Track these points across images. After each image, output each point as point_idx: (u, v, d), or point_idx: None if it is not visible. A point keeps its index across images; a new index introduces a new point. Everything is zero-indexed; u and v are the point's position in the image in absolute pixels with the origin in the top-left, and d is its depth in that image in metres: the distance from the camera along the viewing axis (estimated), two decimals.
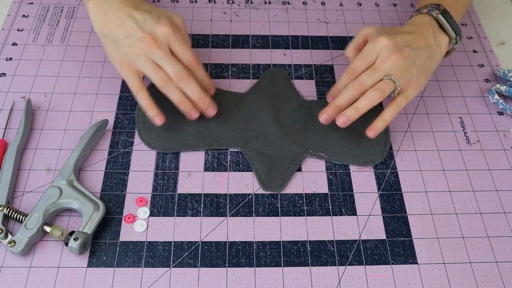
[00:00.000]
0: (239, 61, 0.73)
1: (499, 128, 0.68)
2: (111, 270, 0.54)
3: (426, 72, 0.62)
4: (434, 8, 0.64)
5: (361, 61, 0.59)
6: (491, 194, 0.61)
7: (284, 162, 0.61)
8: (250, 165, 0.61)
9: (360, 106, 0.57)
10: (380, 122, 0.59)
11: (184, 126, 0.63)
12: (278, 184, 0.60)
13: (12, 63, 0.71)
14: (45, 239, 0.55)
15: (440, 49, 0.64)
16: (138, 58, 0.59)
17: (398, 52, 0.58)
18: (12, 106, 0.66)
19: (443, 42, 0.64)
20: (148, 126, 0.63)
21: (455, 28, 0.64)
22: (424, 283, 0.54)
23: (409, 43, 0.60)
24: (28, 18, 0.77)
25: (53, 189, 0.56)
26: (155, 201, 0.59)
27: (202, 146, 0.62)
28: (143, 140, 0.63)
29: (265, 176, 0.60)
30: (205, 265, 0.54)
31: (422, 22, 0.63)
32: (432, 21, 0.64)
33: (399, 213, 0.59)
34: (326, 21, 0.80)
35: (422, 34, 0.62)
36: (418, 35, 0.61)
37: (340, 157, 0.62)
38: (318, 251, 0.56)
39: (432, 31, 0.63)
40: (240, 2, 0.81)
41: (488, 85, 0.72)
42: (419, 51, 0.60)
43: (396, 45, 0.58)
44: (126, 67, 0.60)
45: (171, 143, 0.62)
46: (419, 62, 0.60)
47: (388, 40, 0.58)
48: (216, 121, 0.64)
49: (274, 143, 0.63)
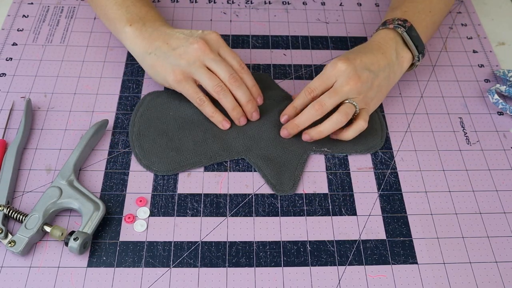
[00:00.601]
0: None
1: (499, 128, 0.68)
2: (111, 270, 0.54)
3: (383, 93, 0.64)
4: (400, 25, 0.64)
5: (319, 83, 0.60)
6: (491, 194, 0.61)
7: (291, 163, 0.61)
8: (257, 171, 0.61)
9: (323, 129, 0.60)
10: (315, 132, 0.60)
11: (183, 145, 0.62)
12: (290, 186, 0.60)
13: (12, 63, 0.71)
14: (45, 239, 0.55)
15: (401, 67, 0.65)
16: (192, 65, 0.60)
17: (356, 76, 0.59)
18: (12, 106, 0.66)
19: (405, 59, 0.65)
20: (146, 150, 0.61)
21: (419, 46, 0.64)
22: (424, 283, 0.54)
23: (368, 66, 0.60)
24: (28, 18, 0.77)
25: (53, 189, 0.56)
26: (155, 201, 0.59)
27: (206, 161, 0.61)
28: (142, 165, 0.61)
29: (275, 180, 0.60)
30: (205, 265, 0.54)
31: (386, 39, 0.64)
32: (397, 37, 0.64)
33: (399, 213, 0.59)
34: (326, 21, 0.80)
35: (384, 53, 0.62)
36: (380, 55, 0.62)
37: (343, 149, 0.63)
38: (318, 251, 0.56)
39: (395, 48, 0.63)
40: (240, 2, 0.81)
41: (488, 85, 0.72)
42: (378, 73, 0.61)
43: (355, 70, 0.59)
44: (183, 79, 0.61)
45: (174, 164, 0.60)
46: (377, 83, 0.61)
47: (347, 66, 0.59)
48: (213, 135, 0.63)
49: (277, 146, 0.62)
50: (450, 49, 0.77)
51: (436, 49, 0.76)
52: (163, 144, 0.62)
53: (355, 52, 0.62)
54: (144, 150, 0.62)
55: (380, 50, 0.63)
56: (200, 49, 0.60)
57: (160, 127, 0.63)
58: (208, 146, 0.62)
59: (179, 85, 0.61)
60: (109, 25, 0.68)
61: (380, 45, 0.63)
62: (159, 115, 0.65)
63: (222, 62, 0.61)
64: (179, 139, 0.62)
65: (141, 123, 0.64)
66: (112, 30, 0.68)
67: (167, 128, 0.63)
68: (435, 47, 0.77)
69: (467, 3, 0.84)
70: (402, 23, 0.64)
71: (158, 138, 0.62)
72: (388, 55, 0.63)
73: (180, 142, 0.62)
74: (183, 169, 0.61)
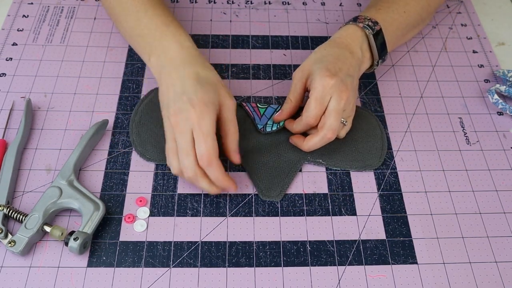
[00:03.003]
0: (239, 61, 0.73)
1: (499, 128, 0.68)
2: (111, 270, 0.54)
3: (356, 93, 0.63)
4: (370, 27, 0.64)
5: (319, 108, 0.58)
6: (491, 194, 0.61)
7: (283, 170, 0.61)
8: (247, 172, 0.61)
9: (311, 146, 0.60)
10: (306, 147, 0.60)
11: None
12: (277, 193, 0.60)
13: (12, 63, 0.71)
14: (45, 239, 0.55)
15: (364, 66, 0.65)
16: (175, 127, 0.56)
17: (344, 87, 0.58)
18: (12, 106, 0.66)
19: (367, 60, 0.65)
20: (143, 138, 0.63)
21: (382, 52, 0.64)
22: (424, 283, 0.54)
23: (348, 72, 0.60)
24: (28, 18, 0.77)
25: (53, 189, 0.56)
26: (155, 201, 0.59)
27: None
28: (137, 152, 0.62)
29: (264, 185, 0.60)
30: (205, 265, 0.54)
31: (353, 37, 0.63)
32: (364, 37, 0.64)
33: (399, 213, 0.59)
34: (326, 21, 0.80)
35: (352, 52, 0.62)
36: (348, 54, 0.62)
37: (338, 163, 0.62)
38: (318, 251, 0.56)
39: (360, 47, 0.63)
40: (240, 2, 0.81)
41: (488, 85, 0.72)
42: (354, 74, 0.61)
43: (341, 81, 0.58)
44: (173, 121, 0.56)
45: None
46: (355, 85, 0.61)
47: (335, 80, 0.58)
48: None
49: (272, 152, 0.62)
50: (450, 49, 0.77)
51: (436, 49, 0.76)
52: (160, 134, 0.62)
53: (328, 59, 0.60)
54: (141, 138, 0.63)
55: (348, 49, 0.62)
56: (172, 123, 0.56)
57: (160, 118, 0.63)
58: None
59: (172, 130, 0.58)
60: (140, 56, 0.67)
61: (347, 43, 0.63)
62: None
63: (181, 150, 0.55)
64: None
65: (143, 113, 0.65)
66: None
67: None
68: (435, 47, 0.77)
69: (467, 3, 0.84)
70: (372, 25, 0.64)
71: (156, 128, 0.63)
72: (355, 54, 0.63)
73: None
74: None
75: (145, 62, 0.65)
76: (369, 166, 0.62)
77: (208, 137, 0.54)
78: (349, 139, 0.63)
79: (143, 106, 0.66)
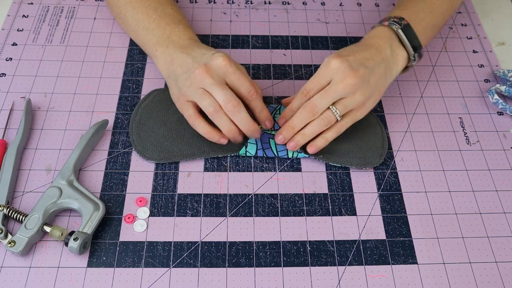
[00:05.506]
0: (239, 61, 0.73)
1: (499, 128, 0.68)
2: (111, 270, 0.54)
3: (380, 91, 0.61)
4: (396, 22, 0.62)
5: (314, 83, 0.59)
6: (491, 194, 0.61)
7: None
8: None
9: (307, 132, 0.59)
10: (321, 140, 0.60)
11: (179, 137, 0.63)
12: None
13: (12, 63, 0.71)
14: (45, 239, 0.55)
15: (397, 65, 0.62)
16: (191, 88, 0.59)
17: (352, 72, 0.56)
18: (12, 106, 0.66)
19: (401, 58, 0.62)
20: (143, 137, 0.63)
21: (416, 44, 0.62)
22: (424, 283, 0.54)
23: (363, 62, 0.58)
24: (28, 18, 0.77)
25: (53, 189, 0.56)
26: (155, 201, 0.59)
27: (199, 154, 0.62)
28: (137, 151, 0.62)
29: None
30: (205, 265, 0.54)
31: (381, 35, 0.62)
32: (392, 35, 0.62)
33: (399, 213, 0.59)
34: (326, 21, 0.80)
35: (378, 49, 0.61)
36: (374, 50, 0.60)
37: (339, 159, 0.62)
38: (318, 251, 0.56)
39: (390, 45, 0.61)
40: (240, 2, 0.81)
41: (488, 85, 0.72)
42: (374, 69, 0.59)
43: (350, 66, 0.57)
44: (181, 99, 0.60)
45: (166, 153, 0.61)
46: (374, 81, 0.59)
47: (341, 63, 0.57)
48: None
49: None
50: (450, 49, 0.77)
51: (436, 49, 0.76)
52: (159, 133, 0.63)
53: (347, 49, 0.60)
54: (141, 137, 0.63)
55: (374, 46, 0.61)
56: (200, 74, 0.58)
57: (160, 118, 0.64)
58: (204, 140, 0.62)
59: (178, 105, 0.62)
60: (144, 49, 0.69)
61: (374, 42, 0.62)
62: (161, 108, 0.66)
63: (219, 86, 0.58)
64: (177, 130, 0.63)
65: (143, 114, 0.65)
66: (147, 54, 0.68)
67: (166, 120, 0.64)
68: (435, 47, 0.77)
69: (467, 3, 0.84)
70: (398, 21, 0.62)
71: (156, 128, 0.63)
72: (383, 51, 0.61)
73: (177, 133, 0.63)
74: (175, 159, 0.61)
75: (149, 54, 0.66)
76: (370, 164, 0.62)
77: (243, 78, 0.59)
78: (349, 137, 0.63)
79: (143, 106, 0.66)
